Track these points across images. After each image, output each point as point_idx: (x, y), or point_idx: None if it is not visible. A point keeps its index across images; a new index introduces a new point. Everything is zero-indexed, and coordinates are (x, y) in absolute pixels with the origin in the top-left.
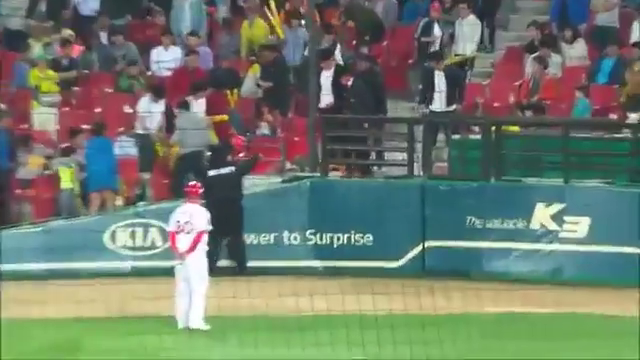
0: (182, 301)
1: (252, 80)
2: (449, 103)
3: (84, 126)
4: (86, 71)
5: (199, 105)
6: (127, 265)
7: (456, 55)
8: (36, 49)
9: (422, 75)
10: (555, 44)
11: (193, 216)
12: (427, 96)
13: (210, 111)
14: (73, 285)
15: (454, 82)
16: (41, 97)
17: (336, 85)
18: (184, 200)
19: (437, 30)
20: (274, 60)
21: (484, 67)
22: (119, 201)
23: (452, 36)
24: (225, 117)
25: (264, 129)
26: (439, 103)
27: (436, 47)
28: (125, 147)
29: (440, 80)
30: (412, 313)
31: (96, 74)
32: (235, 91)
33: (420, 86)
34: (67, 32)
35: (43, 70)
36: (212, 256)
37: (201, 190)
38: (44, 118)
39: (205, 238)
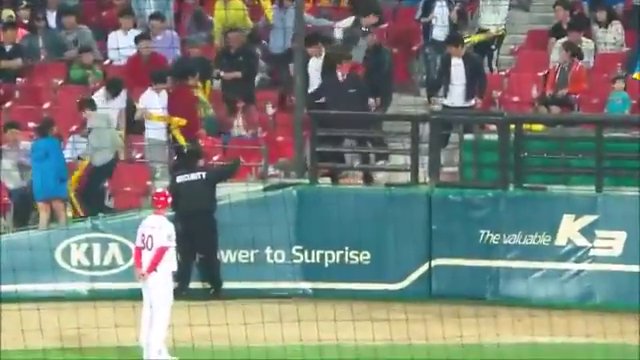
0: (145, 328)
1: None
2: (468, 97)
3: (30, 124)
4: (29, 60)
5: (160, 99)
6: (83, 287)
7: (480, 31)
8: None
9: (426, 63)
10: (587, 27)
11: (155, 230)
12: (437, 88)
13: (173, 108)
14: (19, 311)
15: (475, 71)
16: None
17: (327, 76)
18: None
19: (439, 9)
20: (243, 46)
21: (501, 55)
22: (70, 212)
23: (462, 14)
24: (183, 121)
25: (240, 129)
26: (455, 97)
27: (444, 30)
28: (79, 149)
29: (458, 70)
30: (417, 343)
31: (43, 63)
32: (208, 84)
33: (425, 76)
34: (7, 13)
35: None
36: (183, 276)
37: (169, 199)
38: None
39: (169, 256)
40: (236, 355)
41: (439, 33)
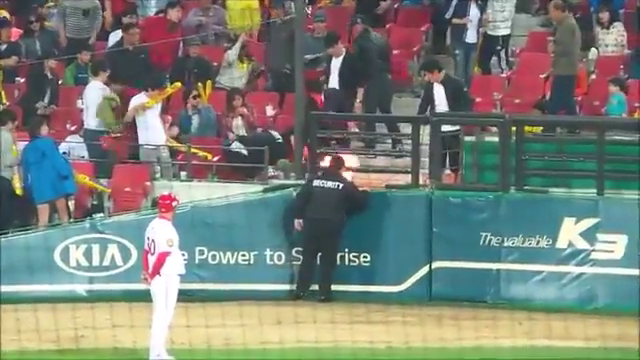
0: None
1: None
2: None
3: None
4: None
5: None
6: (81, 288)
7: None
8: None
9: (455, 65)
10: (590, 29)
11: (157, 235)
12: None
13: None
14: (16, 311)
15: (456, 94)
16: None
17: (343, 73)
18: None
19: (475, 10)
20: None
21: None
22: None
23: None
24: (178, 85)
25: (240, 128)
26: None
27: (473, 30)
28: (77, 148)
29: (440, 95)
30: (415, 346)
31: (40, 63)
32: (209, 83)
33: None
34: (2, 12)
35: None
36: (304, 278)
37: (174, 203)
38: None
39: (173, 259)
40: (233, 357)
41: (472, 35)
